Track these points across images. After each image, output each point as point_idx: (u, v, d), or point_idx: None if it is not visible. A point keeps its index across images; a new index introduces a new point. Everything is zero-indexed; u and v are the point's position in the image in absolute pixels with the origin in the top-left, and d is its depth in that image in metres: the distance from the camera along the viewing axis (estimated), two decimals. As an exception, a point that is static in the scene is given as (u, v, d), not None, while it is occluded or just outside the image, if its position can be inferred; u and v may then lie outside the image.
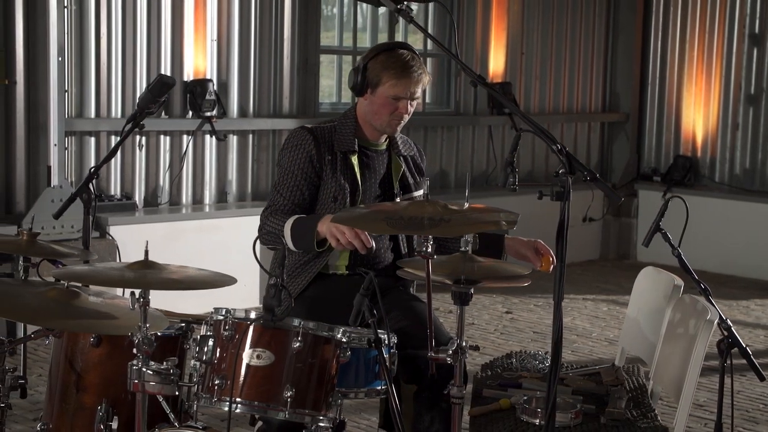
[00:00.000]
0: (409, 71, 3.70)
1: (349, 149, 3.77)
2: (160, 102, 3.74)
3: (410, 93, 3.72)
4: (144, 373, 2.87)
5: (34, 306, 2.98)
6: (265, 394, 2.89)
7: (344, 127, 3.80)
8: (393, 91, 3.70)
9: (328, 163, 3.75)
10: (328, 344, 2.96)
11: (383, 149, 3.86)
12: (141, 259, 2.91)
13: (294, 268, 3.76)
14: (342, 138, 3.78)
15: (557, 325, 2.98)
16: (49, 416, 3.32)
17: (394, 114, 3.73)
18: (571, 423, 3.33)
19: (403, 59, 3.71)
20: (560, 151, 3.00)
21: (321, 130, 3.80)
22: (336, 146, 3.77)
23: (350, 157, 3.77)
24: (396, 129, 3.80)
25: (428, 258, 3.00)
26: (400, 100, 3.71)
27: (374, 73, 3.72)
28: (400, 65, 3.70)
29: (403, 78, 3.69)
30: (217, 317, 3.00)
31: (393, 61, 3.71)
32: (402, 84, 3.70)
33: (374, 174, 3.83)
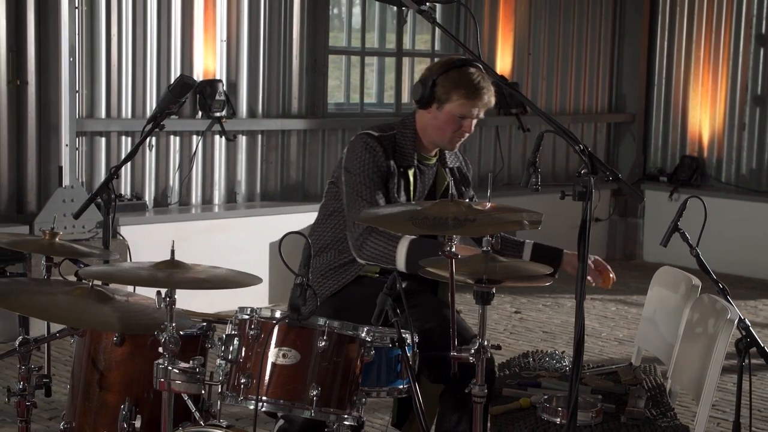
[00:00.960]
0: (480, 92, 3.69)
1: (409, 164, 3.77)
2: (180, 102, 3.75)
3: (477, 113, 3.73)
4: (170, 372, 2.89)
5: (60, 305, 3.00)
6: (291, 393, 2.91)
7: (404, 139, 3.80)
8: (461, 110, 3.70)
9: (393, 175, 3.75)
10: (353, 343, 2.97)
11: (433, 163, 3.88)
12: (167, 259, 2.92)
13: (328, 270, 3.77)
14: (402, 151, 3.78)
15: (579, 323, 3.01)
16: (71, 414, 3.33)
17: (457, 132, 3.74)
18: (592, 422, 3.34)
19: (474, 79, 3.69)
20: (582, 152, 3.01)
21: (385, 140, 3.77)
22: (397, 159, 3.76)
23: (408, 172, 3.78)
24: (456, 146, 3.83)
25: (452, 258, 3.01)
26: (465, 119, 3.71)
27: (443, 89, 3.70)
28: (472, 85, 3.68)
29: (472, 98, 3.69)
30: (242, 316, 3.01)
31: (465, 81, 3.69)
32: (470, 104, 3.69)
33: (424, 188, 3.85)
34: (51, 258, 3.45)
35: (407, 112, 9.26)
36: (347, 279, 3.73)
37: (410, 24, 8.95)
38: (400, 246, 3.59)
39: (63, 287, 3.11)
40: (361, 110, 8.65)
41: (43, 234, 3.42)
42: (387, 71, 9.03)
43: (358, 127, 8.48)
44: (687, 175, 9.96)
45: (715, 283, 3.57)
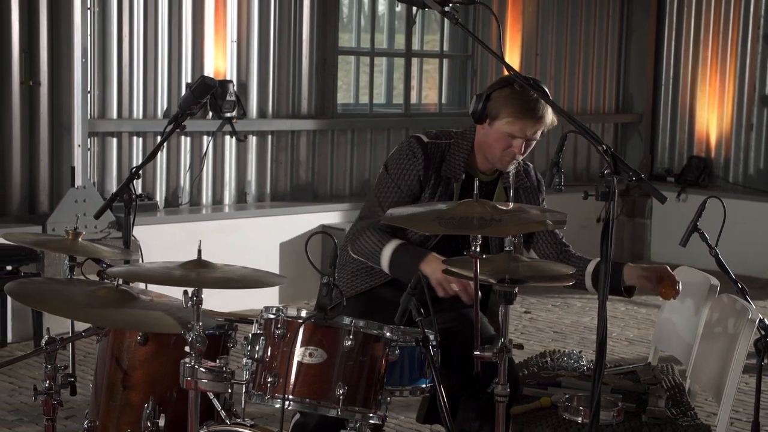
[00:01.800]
0: (529, 113, 3.58)
1: (455, 176, 3.69)
2: (201, 103, 3.77)
3: (526, 134, 3.61)
4: (197, 371, 2.90)
5: (85, 304, 3.02)
6: (317, 392, 2.93)
7: (458, 150, 3.73)
8: (509, 128, 3.60)
9: (430, 186, 3.70)
10: (378, 343, 2.99)
11: (493, 179, 3.77)
12: (194, 258, 2.94)
13: (360, 269, 3.76)
14: (452, 161, 3.71)
15: (602, 324, 3.02)
16: (95, 413, 3.35)
17: (506, 151, 3.64)
18: (614, 421, 3.36)
19: (527, 99, 3.59)
20: (606, 152, 3.02)
21: (435, 147, 3.72)
22: (443, 169, 3.70)
23: (453, 184, 3.70)
24: (507, 166, 3.69)
25: (476, 258, 3.03)
26: (515, 139, 3.61)
27: (495, 105, 3.62)
28: (523, 105, 3.58)
29: (521, 118, 3.58)
30: (268, 316, 3.03)
31: (516, 99, 3.59)
32: (519, 124, 3.59)
33: None
34: (74, 258, 3.45)
35: (415, 113, 9.28)
36: (376, 282, 3.71)
37: (419, 25, 8.97)
38: (386, 248, 3.60)
39: (88, 287, 3.13)
40: (370, 111, 8.66)
41: (66, 234, 3.42)
42: (396, 72, 9.04)
43: (367, 127, 8.53)
44: (694, 176, 9.98)
45: (734, 283, 3.59)
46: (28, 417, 5.08)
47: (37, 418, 5.05)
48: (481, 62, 9.27)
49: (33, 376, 5.62)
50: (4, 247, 6.10)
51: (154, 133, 7.34)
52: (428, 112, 9.18)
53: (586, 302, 8.04)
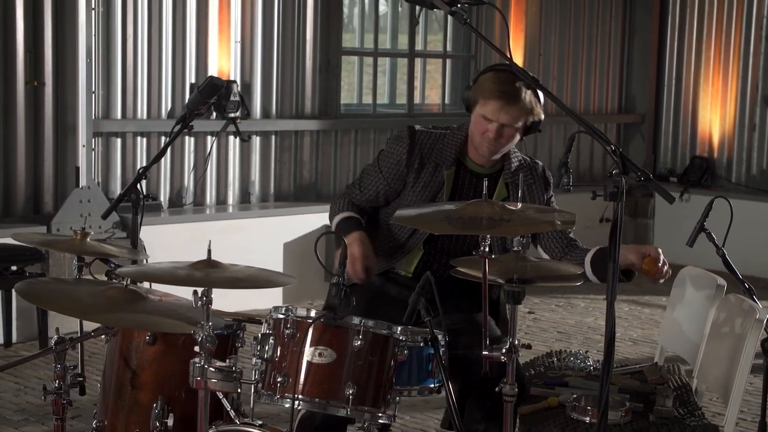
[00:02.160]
0: (500, 96, 3.57)
1: (444, 162, 3.69)
2: (209, 103, 3.77)
3: (499, 118, 3.58)
4: (206, 371, 2.90)
5: (95, 304, 3.03)
6: (327, 392, 2.93)
7: (452, 139, 3.73)
8: (482, 110, 3.59)
9: (414, 171, 3.70)
10: (387, 342, 2.99)
11: (492, 174, 3.73)
12: (204, 259, 2.95)
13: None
14: (443, 149, 3.71)
15: (610, 324, 3.03)
16: (103, 413, 3.36)
17: (483, 136, 3.63)
18: (622, 421, 3.37)
19: (502, 81, 3.58)
20: (614, 152, 3.03)
21: (426, 135, 3.73)
22: (433, 156, 3.70)
23: (442, 171, 3.69)
24: (488, 152, 3.66)
25: (485, 258, 3.04)
26: (490, 123, 3.59)
27: (476, 89, 3.64)
28: (497, 86, 3.58)
29: (491, 100, 3.57)
30: (277, 315, 3.04)
31: (492, 81, 3.60)
32: (490, 106, 3.58)
33: (468, 196, 3.67)
34: (82, 258, 3.46)
35: (418, 113, 9.29)
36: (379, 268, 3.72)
37: (422, 25, 8.98)
38: (337, 216, 3.72)
39: (97, 287, 3.14)
40: (373, 111, 8.67)
41: (74, 234, 3.43)
42: (399, 72, 9.05)
43: (370, 127, 8.54)
44: (697, 176, 9.98)
45: (741, 283, 3.60)
46: (34, 417, 5.08)
47: (43, 417, 5.06)
48: (484, 62, 9.27)
49: (38, 376, 5.63)
50: (9, 247, 6.13)
51: (158, 134, 7.35)
52: (431, 113, 9.19)
53: (589, 302, 8.05)
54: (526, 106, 3.60)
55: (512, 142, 3.68)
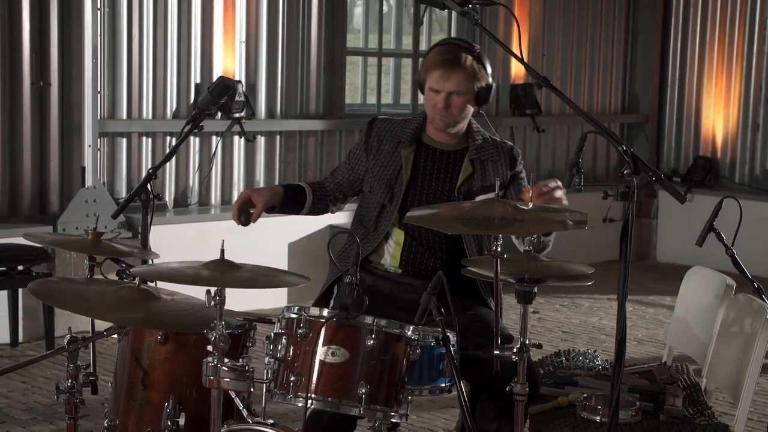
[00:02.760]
0: (441, 64, 3.66)
1: (402, 141, 3.77)
2: (219, 104, 3.78)
3: (444, 88, 3.65)
4: (219, 370, 2.91)
5: (107, 303, 3.04)
6: (340, 391, 2.94)
7: (411, 122, 3.82)
8: (429, 83, 3.69)
9: (374, 153, 3.80)
10: (399, 342, 3.00)
11: (455, 151, 3.79)
12: (217, 258, 2.96)
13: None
14: (400, 130, 3.79)
15: (621, 322, 3.03)
16: (114, 412, 3.37)
17: (434, 108, 3.70)
18: (632, 420, 3.38)
19: (441, 53, 3.69)
20: (626, 152, 3.04)
21: (384, 122, 3.85)
22: (391, 137, 3.79)
23: (401, 151, 3.76)
24: (441, 124, 3.73)
25: (497, 257, 3.04)
26: (437, 94, 3.67)
27: (421, 67, 3.78)
28: (436, 59, 3.68)
29: (434, 71, 3.67)
30: (290, 315, 3.05)
31: (433, 54, 3.72)
32: (434, 76, 3.67)
33: (431, 173, 3.77)
34: (94, 258, 3.47)
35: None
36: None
37: (426, 25, 8.98)
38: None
39: (110, 286, 3.15)
40: (377, 111, 8.68)
41: (85, 234, 3.44)
42: (403, 72, 9.05)
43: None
44: (700, 176, 9.99)
45: (750, 282, 3.60)
46: (42, 416, 5.09)
47: (51, 417, 5.08)
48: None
49: (46, 375, 5.64)
50: (15, 246, 6.14)
51: (163, 134, 7.36)
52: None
53: (593, 302, 8.06)
54: (468, 70, 3.67)
55: (464, 111, 3.73)
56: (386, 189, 3.77)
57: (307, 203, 3.92)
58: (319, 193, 3.94)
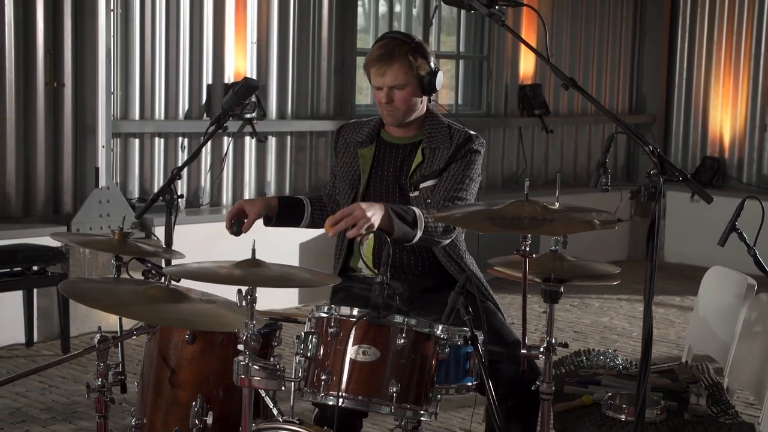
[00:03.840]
0: (376, 60, 3.66)
1: (358, 141, 3.82)
2: (243, 104, 3.80)
3: (383, 83, 3.65)
4: (251, 369, 2.93)
5: (139, 303, 3.05)
6: (370, 389, 2.96)
7: (371, 122, 3.87)
8: (372, 82, 3.73)
9: (341, 157, 3.88)
10: (429, 341, 3.02)
11: (411, 144, 3.78)
12: (249, 258, 2.98)
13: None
14: (360, 132, 3.85)
15: (647, 322, 3.05)
16: (142, 411, 3.38)
17: (381, 105, 3.71)
18: (657, 419, 3.39)
19: (374, 50, 3.70)
20: (652, 153, 3.06)
21: (350, 126, 3.93)
22: (353, 140, 3.85)
23: (358, 150, 3.81)
24: (390, 119, 3.72)
25: (526, 257, 3.07)
26: (379, 90, 3.68)
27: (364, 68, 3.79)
28: (371, 57, 3.70)
29: (371, 68, 3.69)
30: (320, 314, 3.06)
31: (369, 53, 3.74)
32: (373, 74, 3.69)
33: (388, 168, 3.78)
34: (120, 257, 3.49)
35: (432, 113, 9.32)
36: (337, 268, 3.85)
37: (435, 26, 9.00)
38: None
39: (139, 286, 3.16)
40: (387, 111, 8.69)
41: (112, 234, 3.47)
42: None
43: (384, 128, 8.55)
44: (708, 176, 10.00)
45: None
46: (61, 415, 5.11)
47: (70, 416, 5.10)
48: (496, 63, 9.31)
49: (62, 375, 5.66)
50: (30, 247, 6.17)
51: (175, 134, 7.38)
52: (444, 113, 9.18)
53: (603, 302, 8.08)
54: (403, 61, 3.64)
55: (410, 103, 3.70)
56: (349, 189, 3.81)
57: (306, 215, 3.92)
58: (318, 205, 3.96)
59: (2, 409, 5.16)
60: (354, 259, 3.81)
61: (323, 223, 3.72)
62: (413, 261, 3.72)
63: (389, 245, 2.98)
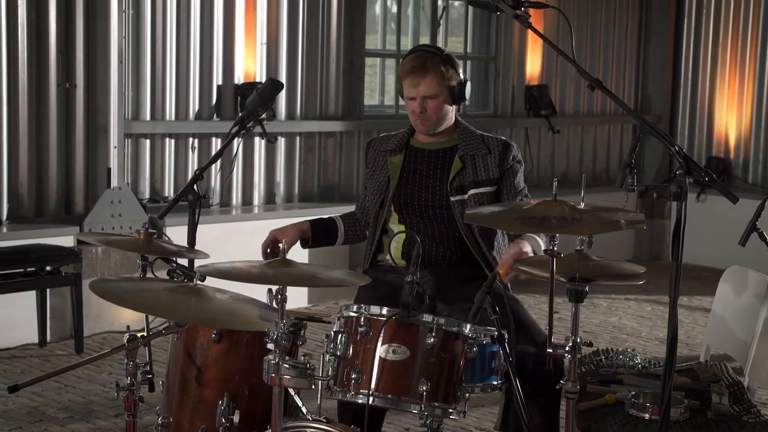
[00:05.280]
0: (410, 72, 3.87)
1: (389, 150, 4.01)
2: (268, 105, 3.82)
3: (417, 93, 3.86)
4: (281, 368, 2.95)
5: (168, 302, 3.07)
6: (400, 388, 2.98)
7: (399, 134, 4.07)
8: (405, 92, 3.91)
9: (371, 170, 4.06)
10: (458, 340, 3.04)
11: (444, 149, 3.99)
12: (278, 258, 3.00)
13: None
14: (390, 142, 4.05)
15: (673, 321, 3.07)
16: (168, 409, 3.40)
17: (413, 114, 3.92)
18: (681, 418, 3.42)
19: (407, 63, 3.90)
20: (678, 153, 3.09)
21: (379, 140, 4.12)
22: (383, 151, 4.03)
23: (387, 158, 3.99)
24: (423, 128, 3.95)
25: (554, 256, 3.09)
26: (413, 101, 3.89)
27: (396, 78, 4.04)
28: (405, 68, 3.90)
29: (405, 79, 3.89)
30: (349, 313, 3.09)
31: (402, 65, 3.94)
32: (406, 85, 3.89)
33: (420, 172, 3.98)
34: (146, 257, 3.51)
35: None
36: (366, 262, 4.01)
37: (443, 27, 9.03)
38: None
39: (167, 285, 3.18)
40: (396, 112, 8.73)
41: (137, 234, 3.49)
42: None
43: (393, 129, 8.54)
44: (713, 177, 10.00)
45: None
46: (78, 414, 5.13)
47: (86, 415, 5.12)
48: (504, 63, 9.34)
49: (77, 374, 5.67)
50: (44, 247, 6.18)
51: (185, 135, 7.40)
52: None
53: (611, 302, 8.11)
54: (436, 73, 3.85)
55: (442, 111, 3.92)
56: (377, 194, 4.01)
57: (340, 233, 4.16)
58: (350, 221, 4.19)
59: (19, 408, 5.17)
60: (383, 254, 3.97)
61: (360, 237, 4.17)
62: (441, 252, 3.86)
63: (419, 244, 3.00)
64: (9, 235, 6.32)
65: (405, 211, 3.96)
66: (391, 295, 3.52)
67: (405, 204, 3.96)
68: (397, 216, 3.97)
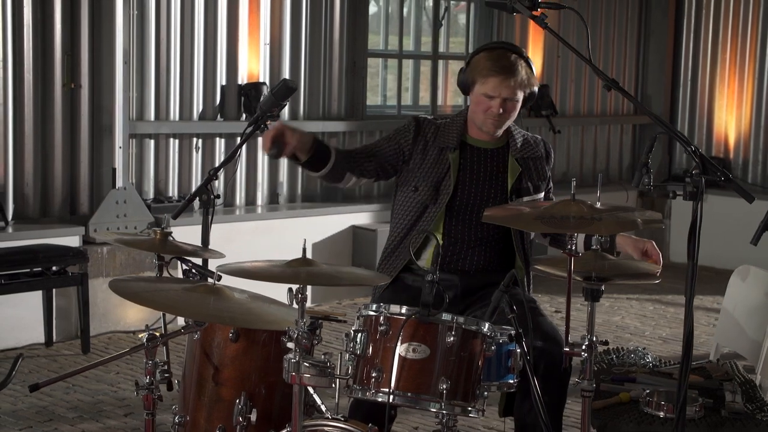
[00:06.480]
0: (499, 71, 3.74)
1: (447, 146, 3.86)
2: (282, 105, 3.83)
3: (500, 93, 3.75)
4: (302, 366, 2.97)
5: (186, 301, 3.09)
6: (420, 386, 2.99)
7: (452, 125, 3.91)
8: (482, 89, 3.77)
9: (419, 152, 3.88)
10: (477, 338, 3.06)
11: (497, 149, 3.92)
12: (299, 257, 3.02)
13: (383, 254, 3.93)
14: (446, 133, 3.89)
15: (689, 320, 3.09)
16: (185, 408, 3.42)
17: (487, 113, 3.79)
18: (696, 416, 3.44)
19: (494, 59, 3.77)
20: (694, 153, 3.11)
21: (429, 123, 3.92)
22: (437, 141, 3.88)
23: (447, 154, 3.86)
24: (493, 128, 3.84)
25: (573, 255, 3.11)
26: (492, 99, 3.76)
27: (472, 71, 3.82)
28: (491, 65, 3.76)
29: (491, 77, 3.75)
30: (368, 312, 3.10)
31: (487, 60, 3.78)
32: (490, 83, 3.75)
33: (478, 174, 3.88)
34: (162, 257, 3.53)
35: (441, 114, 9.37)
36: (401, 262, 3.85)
37: (445, 27, 9.05)
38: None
39: (185, 284, 3.20)
40: (398, 113, 8.75)
41: (154, 234, 3.51)
42: (422, 73, 9.12)
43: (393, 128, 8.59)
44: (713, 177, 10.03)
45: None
46: (88, 414, 5.14)
47: (96, 414, 5.13)
48: (505, 64, 9.34)
49: (85, 374, 5.67)
50: (50, 247, 6.19)
51: (189, 135, 7.41)
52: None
53: (614, 301, 8.13)
54: (524, 77, 3.80)
55: (515, 114, 3.87)
56: (432, 190, 3.86)
57: (329, 164, 3.88)
58: (342, 156, 3.93)
59: (28, 408, 5.18)
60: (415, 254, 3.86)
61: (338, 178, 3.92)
62: (476, 259, 3.81)
63: (438, 244, 3.02)
64: (15, 236, 6.33)
65: (456, 212, 3.84)
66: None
67: (459, 206, 3.85)
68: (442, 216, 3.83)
